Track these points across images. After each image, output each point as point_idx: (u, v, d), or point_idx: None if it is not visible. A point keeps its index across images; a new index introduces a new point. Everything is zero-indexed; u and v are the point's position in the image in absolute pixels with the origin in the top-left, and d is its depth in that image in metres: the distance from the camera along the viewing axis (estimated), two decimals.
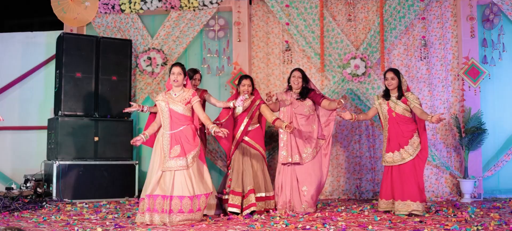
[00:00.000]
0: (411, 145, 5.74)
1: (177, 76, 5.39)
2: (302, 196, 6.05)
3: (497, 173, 7.55)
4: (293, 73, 6.24)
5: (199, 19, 8.19)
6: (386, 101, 5.93)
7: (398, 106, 5.82)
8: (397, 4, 7.71)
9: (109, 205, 6.77)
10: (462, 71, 7.53)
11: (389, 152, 5.85)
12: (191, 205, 5.18)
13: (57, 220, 5.37)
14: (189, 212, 5.17)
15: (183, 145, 5.29)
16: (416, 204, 5.64)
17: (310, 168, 6.08)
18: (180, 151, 5.27)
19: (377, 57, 7.70)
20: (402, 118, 5.81)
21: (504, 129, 7.68)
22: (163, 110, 5.41)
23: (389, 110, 5.87)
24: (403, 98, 5.83)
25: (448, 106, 7.63)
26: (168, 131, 5.37)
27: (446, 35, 7.73)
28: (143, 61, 8.18)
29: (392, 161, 5.82)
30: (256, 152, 6.11)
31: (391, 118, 5.86)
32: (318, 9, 7.87)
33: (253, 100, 6.17)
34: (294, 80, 6.20)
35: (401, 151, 5.76)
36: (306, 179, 6.06)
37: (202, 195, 5.27)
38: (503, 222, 5.00)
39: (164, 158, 5.29)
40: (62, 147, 7.30)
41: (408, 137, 5.75)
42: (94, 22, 8.39)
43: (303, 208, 6.02)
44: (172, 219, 5.11)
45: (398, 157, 5.78)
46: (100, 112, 7.63)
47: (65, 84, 7.44)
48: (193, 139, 5.35)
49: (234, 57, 8.06)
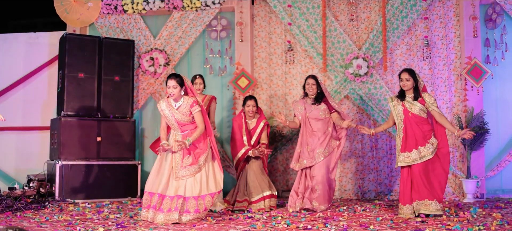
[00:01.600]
0: (431, 144, 5.59)
1: (173, 90, 5.36)
2: (317, 194, 6.21)
3: (500, 173, 7.52)
4: (307, 81, 6.47)
5: (202, 20, 8.19)
6: (400, 102, 5.75)
7: (415, 107, 5.64)
8: (399, 4, 7.70)
9: (111, 205, 6.78)
10: (465, 71, 7.52)
11: (406, 151, 5.64)
12: (197, 205, 5.26)
13: (60, 220, 5.38)
14: (195, 212, 5.25)
15: (194, 153, 5.38)
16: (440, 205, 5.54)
17: (323, 167, 6.25)
18: (192, 160, 5.36)
19: (379, 57, 7.69)
20: (419, 119, 5.65)
21: (507, 128, 7.66)
22: (170, 119, 5.46)
23: (405, 111, 5.68)
24: (420, 99, 5.66)
25: (450, 106, 7.62)
26: (180, 132, 5.46)
27: (449, 35, 7.71)
28: (145, 61, 8.19)
29: (410, 160, 5.59)
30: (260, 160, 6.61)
31: (407, 118, 5.66)
32: (320, 9, 7.87)
33: (258, 120, 6.68)
34: (309, 87, 6.44)
35: (420, 149, 5.57)
36: (318, 175, 6.23)
37: (208, 195, 5.34)
38: (506, 222, 4.98)
39: (176, 167, 5.36)
40: (65, 147, 7.32)
41: (428, 137, 5.61)
42: (97, 23, 8.41)
43: (314, 204, 6.18)
44: (181, 218, 5.20)
45: (417, 155, 5.57)
46: (102, 113, 7.65)
47: (68, 84, 7.47)
48: (202, 146, 5.45)
49: (236, 58, 8.06)
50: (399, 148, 5.71)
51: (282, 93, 8.00)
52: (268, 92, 8.02)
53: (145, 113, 8.47)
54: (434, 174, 5.62)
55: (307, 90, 6.45)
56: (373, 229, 4.70)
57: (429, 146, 5.58)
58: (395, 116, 5.79)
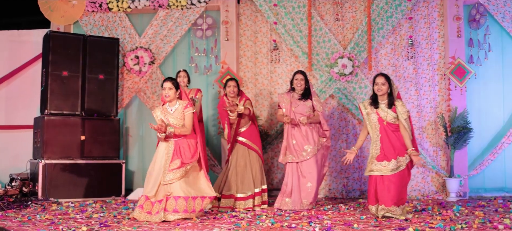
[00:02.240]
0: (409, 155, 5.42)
1: (168, 91, 5.49)
2: (307, 192, 6.26)
3: (482, 172, 7.60)
4: (296, 76, 6.50)
5: (187, 18, 8.17)
6: (374, 109, 5.50)
7: (389, 115, 5.42)
8: (384, 4, 7.74)
9: (95, 204, 6.73)
10: (449, 71, 7.58)
11: (384, 160, 5.37)
12: (186, 205, 5.29)
13: (42, 219, 5.33)
14: (183, 212, 5.28)
15: (182, 158, 5.41)
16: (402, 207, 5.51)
17: (312, 165, 6.28)
18: (179, 163, 5.39)
19: (364, 57, 7.73)
20: (395, 126, 5.44)
21: (489, 128, 7.74)
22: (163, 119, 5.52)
23: (380, 120, 5.45)
24: (393, 107, 5.45)
25: (434, 105, 7.67)
26: (172, 137, 5.49)
27: (433, 35, 7.77)
28: (130, 60, 8.14)
29: (387, 170, 5.33)
30: (253, 152, 6.48)
31: (383, 127, 5.44)
32: (306, 9, 7.89)
33: (239, 100, 6.56)
34: (297, 82, 6.46)
35: (399, 159, 5.36)
36: (309, 175, 6.28)
37: (198, 197, 5.39)
38: (487, 220, 5.04)
39: (163, 171, 5.39)
40: (48, 146, 7.25)
41: (406, 146, 5.40)
42: (81, 21, 8.34)
43: (305, 203, 6.24)
44: (167, 216, 5.23)
45: (394, 166, 5.33)
46: (86, 111, 7.59)
47: (51, 82, 7.40)
48: (191, 152, 5.47)
49: (222, 56, 8.05)
50: (374, 156, 5.44)
51: (268, 92, 8.01)
52: (253, 91, 8.02)
53: (130, 112, 8.43)
54: (405, 181, 5.46)
55: (295, 85, 6.47)
56: (357, 227, 4.73)
57: (408, 156, 5.41)
58: (369, 124, 5.53)
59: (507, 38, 7.73)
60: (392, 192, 5.30)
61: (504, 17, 7.57)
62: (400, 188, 5.37)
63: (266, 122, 7.90)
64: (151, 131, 8.18)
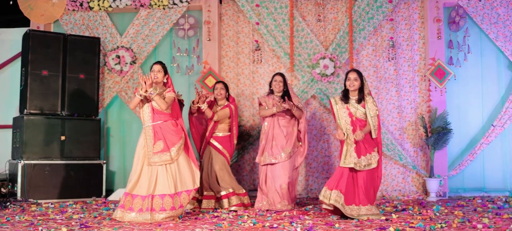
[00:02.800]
0: (377, 153, 5.47)
1: (157, 73, 5.49)
2: (280, 193, 6.23)
3: (462, 172, 7.71)
4: (275, 78, 6.46)
5: (169, 18, 8.13)
6: (345, 105, 5.54)
7: (359, 111, 5.47)
8: (366, 5, 7.80)
9: (75, 205, 6.67)
10: (429, 72, 7.66)
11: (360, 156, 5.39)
12: (173, 202, 5.25)
13: (21, 220, 5.26)
14: (171, 210, 5.25)
15: (166, 140, 5.38)
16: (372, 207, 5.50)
17: (287, 166, 6.28)
18: (163, 146, 5.36)
19: (346, 58, 7.77)
20: (363, 123, 5.48)
21: (469, 129, 7.86)
22: (144, 104, 5.46)
23: (350, 114, 5.49)
24: (362, 103, 5.50)
25: (415, 106, 7.75)
26: (150, 123, 5.44)
27: (414, 36, 7.85)
28: (111, 59, 8.08)
29: (359, 166, 5.35)
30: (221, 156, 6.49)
31: (353, 122, 5.48)
32: (288, 9, 7.90)
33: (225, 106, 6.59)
34: (276, 84, 6.42)
35: (368, 156, 5.42)
36: (283, 177, 6.25)
37: (183, 191, 5.35)
38: (467, 219, 5.11)
39: (149, 153, 5.37)
40: (27, 146, 7.17)
41: (373, 144, 5.46)
42: (62, 20, 8.25)
43: (281, 204, 6.22)
44: (154, 216, 5.18)
45: (365, 162, 5.39)
46: (67, 111, 7.51)
47: (31, 82, 7.31)
48: (175, 133, 5.44)
49: (204, 56, 8.03)
50: (352, 150, 5.40)
51: (250, 92, 8.01)
52: (235, 92, 8.01)
53: (111, 112, 8.36)
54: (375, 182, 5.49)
55: (273, 87, 6.45)
56: (339, 227, 4.75)
57: (375, 154, 5.45)
58: (339, 119, 5.53)
59: (486, 40, 7.85)
60: (362, 189, 5.36)
61: (483, 19, 7.68)
62: (370, 186, 5.42)
63: (247, 122, 7.90)
64: (132, 131, 8.13)
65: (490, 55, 7.89)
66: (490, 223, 4.81)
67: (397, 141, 7.68)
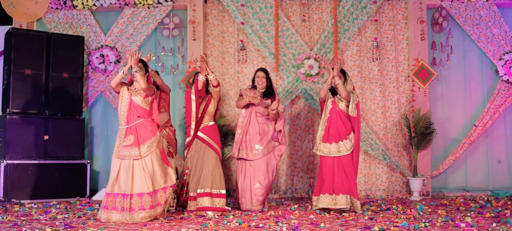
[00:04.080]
0: (349, 140, 5.85)
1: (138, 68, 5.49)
2: (254, 193, 6.12)
3: (444, 171, 7.81)
4: (258, 74, 6.33)
5: (154, 17, 8.10)
6: (332, 96, 6.00)
7: (342, 103, 5.91)
8: (350, 6, 7.84)
9: (59, 205, 6.61)
10: (412, 72, 7.73)
11: (326, 142, 5.90)
12: (151, 201, 5.23)
13: (4, 221, 5.20)
14: (150, 208, 5.22)
15: (137, 135, 5.35)
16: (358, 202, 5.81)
17: (262, 166, 6.16)
18: (133, 140, 5.33)
19: (330, 58, 7.81)
20: (344, 115, 5.89)
21: (452, 129, 7.96)
22: (124, 96, 5.44)
23: (333, 102, 5.95)
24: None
25: (398, 106, 7.82)
26: (124, 125, 5.42)
27: (398, 37, 7.92)
28: (95, 58, 8.02)
29: (328, 152, 5.87)
30: (211, 150, 6.08)
31: (333, 110, 5.93)
32: (273, 9, 7.92)
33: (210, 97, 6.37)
34: (258, 80, 6.30)
35: (339, 144, 5.83)
36: (257, 176, 6.14)
37: (160, 189, 5.32)
38: (450, 218, 5.17)
39: (119, 146, 5.37)
40: (10, 145, 7.09)
41: (348, 132, 5.86)
42: (45, 18, 8.17)
43: (254, 205, 6.09)
44: (133, 216, 5.14)
45: (335, 149, 5.84)
46: (50, 110, 7.44)
47: (13, 81, 7.22)
48: (149, 130, 5.40)
49: (188, 56, 8.01)
50: (321, 136, 5.97)
51: (234, 92, 8.00)
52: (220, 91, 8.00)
53: (95, 111, 8.30)
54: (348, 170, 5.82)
55: (256, 83, 6.31)
56: (324, 226, 4.77)
57: (347, 141, 5.85)
58: (324, 104, 6.07)
59: (469, 41, 7.95)
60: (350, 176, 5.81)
61: (466, 20, 7.78)
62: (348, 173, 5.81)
63: (233, 122, 7.90)
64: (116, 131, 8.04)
65: (473, 56, 8.00)
66: (472, 222, 4.88)
67: (381, 140, 7.74)
